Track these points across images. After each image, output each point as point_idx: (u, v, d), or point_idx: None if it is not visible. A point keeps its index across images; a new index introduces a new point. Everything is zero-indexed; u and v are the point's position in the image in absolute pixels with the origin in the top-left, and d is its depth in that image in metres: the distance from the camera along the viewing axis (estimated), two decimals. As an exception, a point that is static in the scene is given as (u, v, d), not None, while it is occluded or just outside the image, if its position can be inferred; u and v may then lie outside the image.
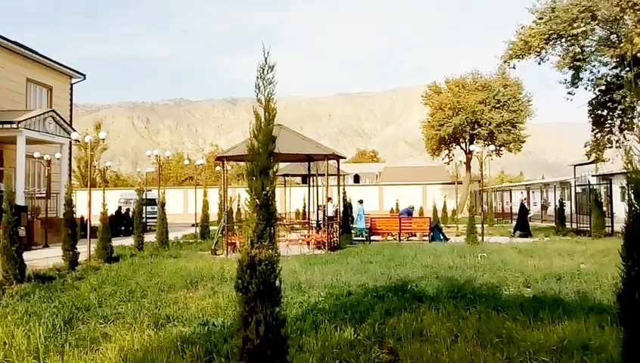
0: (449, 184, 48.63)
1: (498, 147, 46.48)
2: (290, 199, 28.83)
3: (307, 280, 10.13)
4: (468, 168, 48.05)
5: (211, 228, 23.35)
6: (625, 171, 3.45)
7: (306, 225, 22.47)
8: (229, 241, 16.26)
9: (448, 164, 51.17)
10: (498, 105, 45.42)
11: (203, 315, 7.35)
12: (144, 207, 21.41)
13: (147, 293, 9.21)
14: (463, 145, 47.85)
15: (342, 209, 19.24)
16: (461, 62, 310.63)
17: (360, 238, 21.83)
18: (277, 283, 3.59)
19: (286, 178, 30.47)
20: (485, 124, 44.72)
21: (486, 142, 43.10)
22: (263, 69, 3.65)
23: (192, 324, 6.88)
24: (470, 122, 45.00)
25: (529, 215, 25.11)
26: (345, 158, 20.42)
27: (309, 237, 18.65)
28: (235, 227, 19.06)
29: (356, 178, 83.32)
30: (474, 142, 43.34)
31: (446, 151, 49.72)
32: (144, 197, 22.52)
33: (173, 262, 13.73)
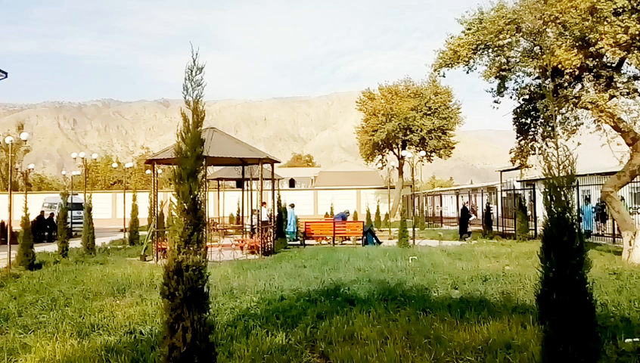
0: (383, 188, 49.47)
1: (429, 153, 47.74)
2: (223, 203, 28.44)
3: (240, 285, 10.02)
4: (401, 173, 49.12)
5: (141, 233, 22.69)
6: (544, 177, 3.61)
7: (240, 230, 22.22)
8: (159, 247, 15.83)
9: (382, 169, 52.17)
10: (430, 112, 46.68)
11: (130, 323, 7.12)
12: (69, 212, 20.48)
13: (70, 301, 8.84)
14: (396, 151, 48.83)
15: (276, 213, 19.16)
16: (395, 69, 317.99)
17: (295, 243, 21.82)
18: (205, 289, 3.51)
19: (220, 182, 30.04)
20: (417, 130, 45.82)
21: (417, 148, 44.15)
22: (192, 71, 3.58)
23: (118, 333, 6.65)
24: (403, 129, 45.98)
25: (470, 219, 25.82)
26: (279, 162, 20.37)
27: (242, 241, 18.45)
28: (166, 232, 18.59)
29: (292, 183, 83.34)
30: (406, 148, 44.36)
31: (380, 156, 50.56)
32: (69, 201, 21.55)
33: (100, 268, 13.23)
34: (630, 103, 15.30)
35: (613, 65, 15.29)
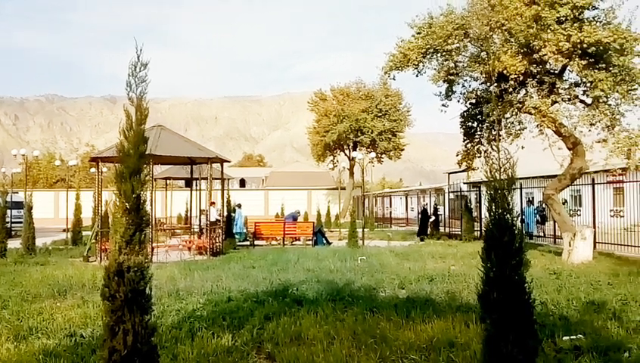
0: (333, 189, 49.74)
1: (379, 155, 48.34)
2: (171, 203, 27.90)
3: (186, 286, 9.86)
4: (351, 174, 49.49)
5: (84, 233, 22.00)
6: (486, 179, 3.69)
7: (188, 230, 21.87)
8: (103, 247, 15.38)
9: (333, 170, 52.44)
10: (380, 114, 47.25)
11: (70, 326, 6.89)
12: (8, 211, 19.64)
13: (8, 303, 8.49)
14: (347, 152, 49.19)
15: (226, 213, 18.96)
16: (348, 71, 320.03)
17: (244, 243, 21.65)
18: (147, 290, 3.42)
19: (168, 181, 29.49)
20: (367, 132, 46.29)
21: (368, 149, 44.63)
22: (135, 67, 3.50)
23: (58, 336, 6.42)
24: (354, 130, 46.36)
25: (430, 220, 26.18)
26: (229, 161, 20.17)
27: (190, 242, 18.16)
28: (110, 232, 18.09)
29: (242, 183, 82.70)
30: (357, 149, 44.73)
31: (331, 157, 50.82)
32: (8, 199, 20.67)
33: (40, 269, 12.76)
34: (571, 109, 15.92)
35: (556, 72, 15.84)
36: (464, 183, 32.07)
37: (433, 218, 26.83)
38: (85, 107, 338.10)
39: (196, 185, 22.50)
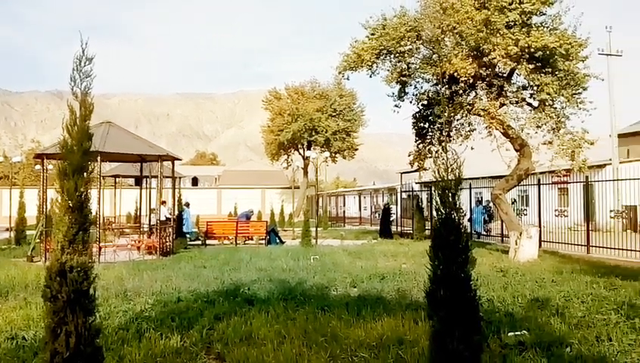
0: (287, 188, 49.68)
1: (333, 154, 48.60)
2: (120, 201, 27.24)
3: (134, 287, 9.63)
4: (305, 173, 49.56)
5: (28, 232, 21.22)
6: (434, 179, 3.76)
7: (138, 230, 21.40)
8: (48, 247, 14.87)
9: (287, 169, 52.39)
10: (335, 114, 47.51)
11: (12, 329, 6.63)
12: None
13: (-56, 306, 8.08)
14: (301, 151, 49.21)
15: (176, 212, 18.65)
16: (305, 70, 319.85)
17: (196, 243, 21.36)
18: (91, 291, 3.34)
19: (117, 179, 28.76)
20: (322, 131, 46.46)
21: (322, 149, 44.75)
22: (80, 61, 3.41)
23: (-2, 339, 6.16)
24: (308, 129, 46.45)
25: (391, 219, 26.36)
26: (180, 159, 19.83)
27: (139, 242, 17.78)
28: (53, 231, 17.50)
29: (194, 181, 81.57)
30: (311, 148, 44.82)
31: (285, 156, 50.76)
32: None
33: (-21, 270, 12.21)
34: (519, 112, 16.40)
35: (505, 75, 16.29)
36: (416, 183, 32.65)
37: (394, 216, 26.94)
38: (31, 102, 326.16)
39: (146, 183, 22.00)
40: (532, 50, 14.46)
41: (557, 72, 15.14)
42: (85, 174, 3.33)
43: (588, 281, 9.89)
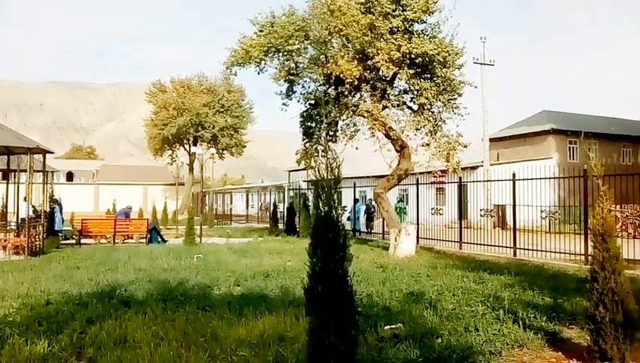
0: (171, 185, 48.24)
1: (220, 151, 47.92)
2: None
3: (-3, 290, 8.84)
4: (191, 169, 48.43)
5: None
6: (314, 178, 3.79)
7: (3, 228, 19.65)
8: None
9: (171, 165, 50.82)
10: (222, 109, 46.86)
11: None
12: None
13: None
14: (186, 146, 48.01)
15: (48, 209, 17.38)
16: (189, 62, 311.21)
17: (70, 242, 20.06)
18: None
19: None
20: (209, 127, 45.63)
21: (209, 145, 44.00)
22: None
23: None
24: (194, 124, 45.43)
25: (296, 216, 26.22)
26: (53, 152, 18.46)
27: (5, 241, 16.34)
28: None
29: (69, 176, 76.66)
30: (198, 144, 43.90)
31: (170, 152, 49.28)
32: None
33: None
34: (400, 114, 17.11)
35: (388, 79, 16.90)
36: (304, 181, 33.05)
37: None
38: None
39: (14, 178, 20.28)
40: (413, 56, 15.14)
41: (435, 78, 15.98)
42: None
43: (460, 275, 10.55)
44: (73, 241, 20.06)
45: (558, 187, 22.00)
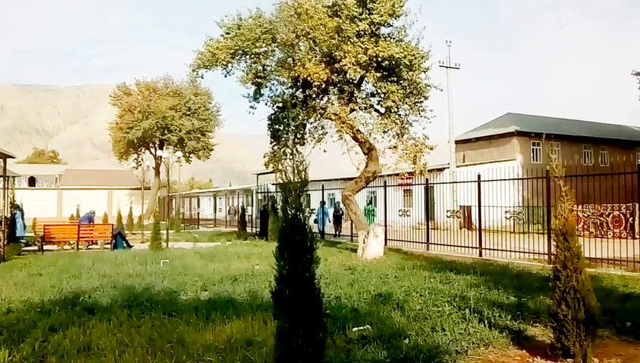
0: (137, 189, 47.47)
1: (187, 154, 47.38)
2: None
3: (-47, 299, 8.54)
4: (157, 173, 47.76)
5: None
6: (281, 181, 3.78)
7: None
8: None
9: (137, 169, 50.02)
10: (189, 112, 46.38)
11: None
12: None
13: None
14: (152, 150, 47.35)
15: (8, 215, 16.90)
16: (156, 65, 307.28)
17: (32, 248, 19.54)
18: None
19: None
20: (175, 130, 45.10)
21: (175, 148, 43.46)
22: None
23: None
24: (161, 127, 44.85)
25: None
26: (14, 157, 18.00)
27: (-37, 248, 15.83)
28: None
29: (32, 181, 74.77)
30: (164, 148, 43.34)
31: (135, 155, 48.53)
32: None
33: None
34: (367, 117, 17.21)
35: (355, 82, 16.99)
36: (272, 184, 32.92)
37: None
38: None
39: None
40: (379, 59, 15.26)
41: (401, 82, 16.14)
42: None
43: (427, 276, 10.65)
44: (36, 248, 19.55)
45: (522, 188, 22.45)
